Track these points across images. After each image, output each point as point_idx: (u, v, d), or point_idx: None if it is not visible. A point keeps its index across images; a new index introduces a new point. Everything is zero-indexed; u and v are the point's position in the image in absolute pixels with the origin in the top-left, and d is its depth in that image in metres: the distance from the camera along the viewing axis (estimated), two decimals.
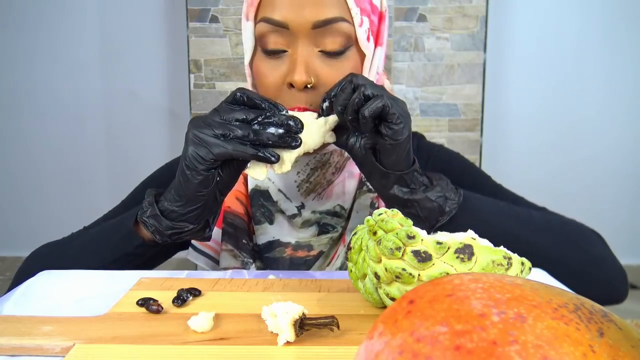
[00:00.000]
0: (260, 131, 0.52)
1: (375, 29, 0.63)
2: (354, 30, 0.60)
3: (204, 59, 2.15)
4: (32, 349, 0.41)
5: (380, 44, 0.64)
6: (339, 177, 0.69)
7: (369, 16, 0.61)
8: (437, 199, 0.58)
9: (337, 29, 0.58)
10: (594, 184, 2.51)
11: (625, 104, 2.52)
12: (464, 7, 2.09)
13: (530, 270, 0.44)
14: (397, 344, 0.24)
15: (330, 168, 0.68)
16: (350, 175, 0.70)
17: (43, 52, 2.58)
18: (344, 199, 0.70)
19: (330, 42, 0.59)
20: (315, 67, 0.59)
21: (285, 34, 0.59)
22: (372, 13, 0.62)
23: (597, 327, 0.23)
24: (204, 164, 0.53)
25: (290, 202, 0.69)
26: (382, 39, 0.65)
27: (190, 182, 0.54)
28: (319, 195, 0.69)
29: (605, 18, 2.45)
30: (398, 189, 0.58)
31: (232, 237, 0.69)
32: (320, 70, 0.59)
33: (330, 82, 0.59)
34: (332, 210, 0.69)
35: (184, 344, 0.41)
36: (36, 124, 2.63)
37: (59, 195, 2.67)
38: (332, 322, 0.41)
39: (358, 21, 0.59)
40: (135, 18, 2.55)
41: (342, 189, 0.69)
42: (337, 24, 0.58)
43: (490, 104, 2.32)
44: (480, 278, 0.26)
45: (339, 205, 0.69)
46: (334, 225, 0.69)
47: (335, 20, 0.58)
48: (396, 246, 0.41)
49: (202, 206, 0.56)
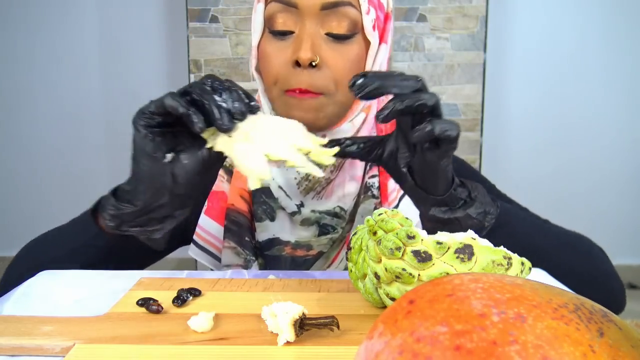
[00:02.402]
0: (203, 94, 0.48)
1: (381, 25, 0.64)
2: (360, 17, 0.60)
3: (204, 59, 2.15)
4: (32, 349, 0.41)
5: (384, 41, 0.65)
6: (338, 178, 0.69)
7: (376, 9, 0.62)
8: (478, 216, 0.56)
9: (344, 13, 0.59)
10: (594, 183, 2.51)
11: (625, 104, 2.51)
12: (464, 7, 2.09)
13: (530, 270, 0.44)
14: (397, 344, 0.24)
15: (328, 167, 0.67)
16: (351, 178, 0.70)
17: (43, 52, 2.58)
18: (344, 201, 0.69)
19: (337, 25, 0.59)
20: (321, 47, 0.60)
21: (293, 14, 0.60)
22: (379, 8, 0.63)
23: (597, 327, 0.23)
24: (142, 118, 0.50)
25: (290, 200, 0.69)
26: (386, 36, 0.65)
27: (134, 144, 0.51)
28: (318, 195, 0.68)
29: (605, 18, 2.45)
30: (437, 209, 0.56)
31: (235, 235, 0.69)
32: (325, 52, 0.60)
33: (334, 64, 0.60)
34: (332, 210, 0.69)
35: (184, 344, 0.41)
36: (36, 124, 2.63)
37: (58, 195, 2.67)
38: (332, 322, 0.41)
39: (365, 8, 0.60)
40: (135, 18, 2.55)
41: (343, 191, 0.69)
42: (344, 8, 0.59)
43: (490, 104, 2.32)
44: (480, 278, 0.26)
45: (339, 206, 0.69)
46: (334, 226, 0.69)
47: (342, 3, 0.59)
48: (396, 246, 0.41)
49: (149, 186, 0.52)
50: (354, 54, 0.61)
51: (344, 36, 0.60)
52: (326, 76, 0.60)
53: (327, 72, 0.60)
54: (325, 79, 0.60)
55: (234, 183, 0.71)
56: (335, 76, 0.61)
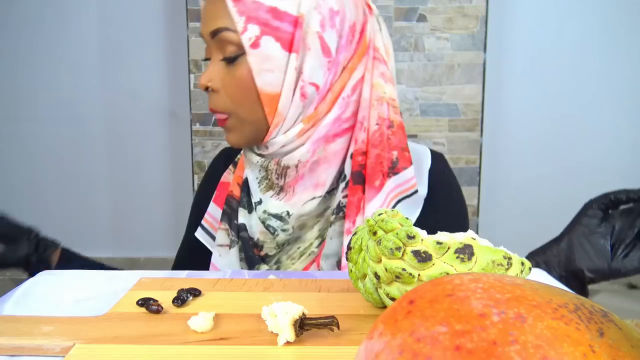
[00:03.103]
0: None
1: (286, 35, 0.63)
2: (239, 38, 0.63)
3: (204, 59, 2.15)
4: (32, 349, 0.41)
5: (296, 50, 0.63)
6: (300, 184, 0.68)
7: (265, 24, 0.62)
8: None
9: (225, 38, 0.63)
10: (594, 183, 2.50)
11: (626, 104, 2.52)
12: (464, 7, 2.09)
13: (530, 270, 0.44)
14: (397, 344, 0.24)
15: (273, 174, 0.68)
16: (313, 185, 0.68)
17: (43, 53, 2.58)
18: (296, 207, 0.68)
19: (224, 49, 0.64)
20: (216, 73, 0.66)
21: (206, 45, 0.68)
22: (273, 19, 0.62)
23: (597, 327, 0.23)
24: None
25: (252, 197, 0.72)
26: (298, 44, 0.63)
27: None
28: (277, 195, 0.69)
29: (605, 18, 2.45)
30: None
31: (228, 217, 0.73)
32: (220, 76, 0.66)
33: (226, 86, 0.65)
34: (278, 214, 0.69)
35: (184, 344, 0.41)
36: (36, 124, 2.63)
37: (58, 196, 2.67)
38: (332, 322, 0.41)
39: (240, 28, 0.62)
40: (135, 18, 2.55)
41: (301, 197, 0.68)
42: (224, 33, 0.63)
43: (490, 104, 2.33)
44: (480, 278, 0.26)
45: (287, 211, 0.68)
46: (275, 228, 0.69)
47: (220, 30, 0.63)
48: (396, 246, 0.41)
49: None
50: (240, 74, 0.64)
51: (230, 59, 0.64)
52: (221, 97, 0.66)
53: (222, 93, 0.66)
54: (221, 99, 0.66)
55: (236, 172, 0.75)
56: (229, 97, 0.65)
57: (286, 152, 0.67)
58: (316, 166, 0.67)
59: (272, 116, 0.65)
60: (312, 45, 0.64)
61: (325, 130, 0.66)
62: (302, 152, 0.66)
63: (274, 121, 0.65)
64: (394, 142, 0.68)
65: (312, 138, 0.66)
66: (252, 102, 0.64)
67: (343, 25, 0.65)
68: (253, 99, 0.64)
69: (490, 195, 2.48)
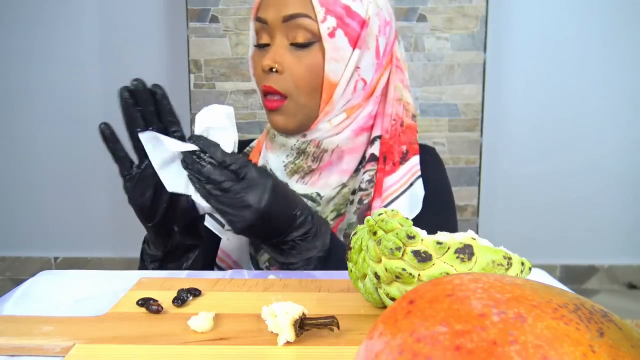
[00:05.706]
0: None
1: (354, 32, 0.70)
2: (317, 26, 0.68)
3: (204, 59, 2.15)
4: (32, 349, 0.41)
5: (359, 46, 0.70)
6: (325, 169, 0.74)
7: (340, 18, 0.69)
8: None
9: (301, 24, 0.68)
10: (594, 183, 2.51)
11: (626, 104, 2.51)
12: (464, 7, 2.09)
13: (530, 270, 0.44)
14: (397, 344, 0.24)
15: (309, 157, 0.73)
16: (339, 171, 0.74)
17: (42, 52, 2.58)
18: (325, 190, 0.74)
19: (296, 35, 0.69)
20: (284, 56, 0.69)
21: (268, 30, 0.71)
22: (346, 16, 0.69)
23: (597, 327, 0.23)
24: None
25: None
26: (362, 42, 0.71)
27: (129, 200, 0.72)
28: (302, 179, 0.74)
29: (605, 18, 2.45)
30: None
31: None
32: (287, 59, 0.69)
33: (292, 69, 0.69)
34: (309, 195, 0.74)
35: (184, 344, 0.41)
36: (35, 124, 2.63)
37: (59, 195, 2.67)
38: (332, 322, 0.41)
39: (321, 18, 0.68)
40: (135, 18, 2.54)
41: (327, 180, 0.74)
42: (300, 19, 0.68)
43: (490, 104, 2.32)
44: (480, 278, 0.26)
45: (317, 192, 0.74)
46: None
47: (298, 15, 0.68)
48: (396, 246, 0.41)
49: (155, 231, 0.70)
50: (312, 59, 0.69)
51: (302, 44, 0.69)
52: (286, 79, 0.70)
53: (287, 76, 0.70)
54: (285, 81, 0.70)
55: None
56: (294, 79, 0.69)
57: (326, 137, 0.73)
58: (344, 154, 0.74)
59: (325, 103, 0.71)
60: (371, 46, 0.72)
61: (362, 123, 0.74)
62: (342, 137, 0.73)
63: (325, 108, 0.71)
64: (404, 139, 0.76)
65: (351, 127, 0.73)
66: (313, 87, 0.70)
67: (390, 33, 0.75)
68: (315, 84, 0.70)
69: (490, 195, 2.48)
